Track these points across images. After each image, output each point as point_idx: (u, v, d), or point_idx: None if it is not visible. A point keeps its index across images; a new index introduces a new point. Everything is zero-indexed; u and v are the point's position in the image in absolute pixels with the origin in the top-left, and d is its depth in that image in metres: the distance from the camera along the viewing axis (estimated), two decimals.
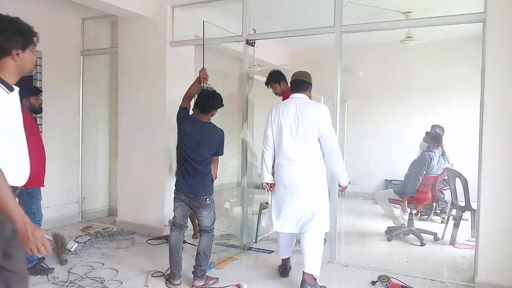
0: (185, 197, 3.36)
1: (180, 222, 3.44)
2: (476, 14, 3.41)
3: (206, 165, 3.38)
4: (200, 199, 3.33)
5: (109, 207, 5.88)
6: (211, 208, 3.39)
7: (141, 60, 4.93)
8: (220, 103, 3.42)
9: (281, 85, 4.12)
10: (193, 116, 3.46)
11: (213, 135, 3.38)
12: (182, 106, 3.49)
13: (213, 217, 3.44)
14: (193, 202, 3.35)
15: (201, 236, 3.43)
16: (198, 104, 3.39)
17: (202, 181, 3.35)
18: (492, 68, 3.30)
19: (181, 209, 3.41)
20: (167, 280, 3.44)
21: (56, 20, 5.09)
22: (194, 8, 4.91)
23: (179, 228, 3.44)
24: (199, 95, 3.45)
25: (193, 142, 3.33)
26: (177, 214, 3.42)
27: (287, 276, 3.58)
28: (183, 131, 3.38)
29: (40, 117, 4.87)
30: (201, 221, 3.40)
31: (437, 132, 5.30)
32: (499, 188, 3.28)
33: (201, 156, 3.33)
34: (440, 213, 5.93)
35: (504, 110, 3.26)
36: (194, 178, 3.33)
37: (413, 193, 4.76)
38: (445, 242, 4.80)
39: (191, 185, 3.33)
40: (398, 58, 7.15)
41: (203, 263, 3.35)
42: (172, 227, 3.46)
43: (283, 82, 4.12)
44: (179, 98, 3.54)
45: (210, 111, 3.39)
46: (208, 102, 3.35)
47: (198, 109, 3.40)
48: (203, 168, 3.35)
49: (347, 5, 4.11)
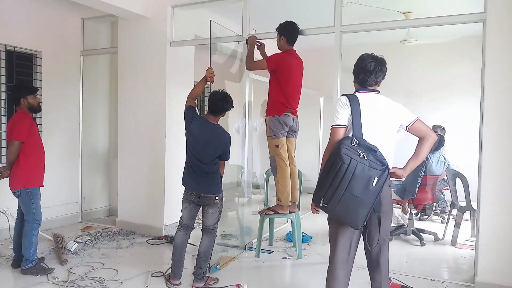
0: (194, 197, 3.34)
1: (187, 223, 3.42)
2: (476, 14, 3.41)
3: (213, 166, 3.36)
4: (209, 197, 3.33)
5: (109, 207, 5.88)
6: (218, 207, 3.39)
7: (141, 60, 4.93)
8: (231, 106, 3.43)
9: (280, 39, 3.97)
10: (202, 116, 3.44)
11: (220, 138, 3.38)
12: (188, 105, 3.47)
13: (217, 217, 3.42)
14: (202, 200, 3.34)
15: (202, 236, 3.42)
16: (210, 106, 3.38)
17: (210, 179, 3.35)
18: (492, 68, 3.29)
19: (189, 210, 3.39)
20: (167, 279, 3.43)
21: (56, 20, 5.09)
22: (194, 8, 4.91)
23: (185, 229, 3.43)
24: (210, 97, 3.42)
25: (200, 143, 3.31)
26: (185, 215, 3.41)
27: None
28: (190, 131, 3.37)
29: (40, 117, 4.88)
30: (206, 218, 3.39)
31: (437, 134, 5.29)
32: (499, 188, 3.28)
33: (206, 158, 3.32)
34: (440, 213, 5.94)
35: (504, 110, 3.26)
36: (202, 177, 3.33)
37: (414, 195, 4.75)
38: (445, 242, 4.80)
39: (200, 184, 3.32)
40: (398, 58, 7.16)
41: (203, 265, 3.35)
42: (178, 226, 3.45)
43: (283, 37, 3.93)
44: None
45: (221, 113, 3.40)
46: (221, 105, 3.35)
47: (209, 111, 3.39)
48: (210, 168, 3.34)
49: (347, 5, 4.11)
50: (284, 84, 3.83)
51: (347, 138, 2.33)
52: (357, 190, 2.20)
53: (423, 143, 2.47)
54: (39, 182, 3.65)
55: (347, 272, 2.45)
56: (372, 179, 2.21)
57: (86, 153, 5.55)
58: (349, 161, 2.19)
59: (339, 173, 2.20)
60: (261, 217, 4.16)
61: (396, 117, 2.47)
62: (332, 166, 2.23)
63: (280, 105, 3.84)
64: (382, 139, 2.40)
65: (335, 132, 2.40)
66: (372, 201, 2.24)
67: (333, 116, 2.43)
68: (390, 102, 2.50)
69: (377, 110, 2.43)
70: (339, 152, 2.21)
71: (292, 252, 4.29)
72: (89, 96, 5.54)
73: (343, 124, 2.40)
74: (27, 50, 4.77)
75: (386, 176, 2.26)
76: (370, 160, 2.22)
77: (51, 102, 5.00)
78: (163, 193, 4.81)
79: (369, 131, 2.35)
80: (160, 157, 4.81)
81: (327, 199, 2.27)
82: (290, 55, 3.89)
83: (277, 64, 3.84)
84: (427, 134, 2.46)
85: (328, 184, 2.25)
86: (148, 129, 4.90)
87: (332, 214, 2.39)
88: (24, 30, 4.69)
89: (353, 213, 2.26)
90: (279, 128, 3.84)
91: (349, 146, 2.24)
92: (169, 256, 4.11)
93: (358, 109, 2.37)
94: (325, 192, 2.27)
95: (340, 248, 2.43)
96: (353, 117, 2.36)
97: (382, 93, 2.54)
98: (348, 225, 2.35)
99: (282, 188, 3.93)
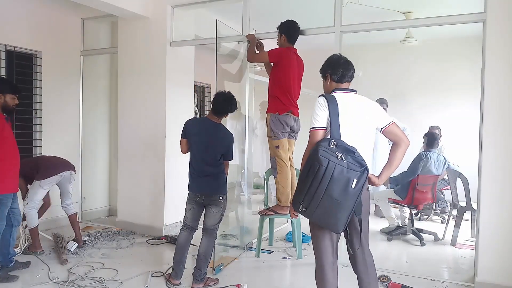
0: (199, 198, 3.33)
1: (190, 224, 3.42)
2: (476, 14, 3.41)
3: (218, 166, 3.36)
4: (213, 197, 3.32)
5: (109, 207, 5.88)
6: (221, 207, 3.38)
7: (141, 60, 4.93)
8: (235, 108, 3.43)
9: (281, 37, 3.97)
10: (204, 116, 3.45)
11: (223, 137, 3.37)
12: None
13: (219, 217, 3.41)
14: (207, 200, 3.33)
15: (203, 236, 3.41)
16: (214, 106, 3.37)
17: (216, 180, 3.34)
18: (492, 68, 3.29)
19: (193, 212, 3.39)
20: (167, 279, 3.43)
21: (56, 20, 5.09)
22: (194, 8, 4.91)
23: (189, 229, 3.43)
24: (215, 97, 3.41)
25: (203, 142, 3.31)
26: (189, 216, 3.40)
27: None
28: (191, 132, 3.36)
29: (40, 117, 4.88)
30: (208, 217, 3.37)
31: (430, 133, 5.29)
32: (499, 188, 3.28)
33: (209, 157, 3.31)
34: (440, 213, 5.94)
35: (504, 110, 3.26)
36: (206, 178, 3.32)
37: (404, 184, 4.78)
38: (445, 242, 4.80)
39: (204, 185, 3.32)
40: (398, 58, 7.16)
41: (203, 267, 3.33)
42: (182, 226, 3.45)
43: (283, 36, 3.94)
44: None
45: (224, 114, 3.40)
46: (226, 107, 3.35)
47: (212, 110, 3.39)
48: (215, 169, 3.34)
49: (347, 5, 4.11)
50: (284, 79, 3.84)
51: (324, 139, 2.27)
52: (336, 192, 2.14)
53: (396, 149, 2.43)
54: (9, 189, 3.35)
55: (336, 272, 2.44)
56: (351, 181, 2.15)
57: (86, 153, 5.55)
58: (327, 163, 2.13)
59: (317, 176, 2.14)
60: (261, 217, 4.16)
61: (373, 118, 2.44)
62: (310, 169, 2.18)
63: (280, 102, 3.84)
64: (360, 140, 2.36)
65: (313, 135, 2.35)
66: (352, 204, 2.19)
67: (312, 118, 2.37)
68: (367, 102, 2.47)
69: (355, 110, 2.39)
70: (316, 154, 2.16)
71: (292, 252, 4.29)
72: (89, 96, 5.54)
73: (322, 126, 2.34)
74: (27, 50, 4.77)
75: (366, 177, 2.21)
76: (349, 161, 2.16)
77: (51, 102, 5.00)
78: (163, 193, 4.81)
79: (347, 132, 2.30)
80: (160, 157, 4.80)
81: (306, 203, 2.20)
82: (291, 52, 3.91)
83: (279, 56, 3.87)
84: (400, 139, 2.42)
85: (306, 187, 2.18)
86: (148, 129, 4.90)
87: (312, 219, 2.32)
88: (24, 30, 4.69)
89: (333, 217, 2.20)
90: (279, 129, 3.84)
91: (326, 148, 2.18)
92: (169, 256, 4.12)
93: (336, 110, 2.31)
94: (304, 195, 2.21)
95: (325, 253, 2.40)
96: (331, 118, 2.30)
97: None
98: (329, 230, 2.32)
99: (282, 188, 3.93)
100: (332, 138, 2.26)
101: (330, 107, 2.31)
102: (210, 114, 3.41)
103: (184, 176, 3.40)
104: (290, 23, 3.92)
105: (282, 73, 3.85)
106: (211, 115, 3.39)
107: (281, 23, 3.95)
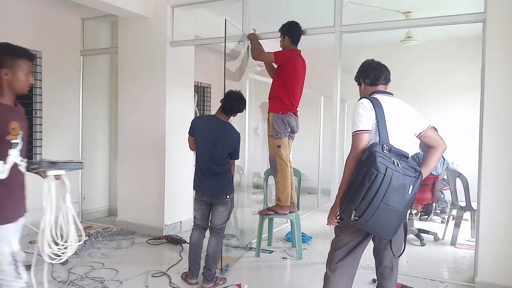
0: (206, 198, 3.35)
1: (200, 223, 3.44)
2: (476, 14, 3.41)
3: (225, 165, 3.36)
4: (220, 197, 3.33)
5: (109, 207, 5.88)
6: (228, 206, 3.39)
7: (141, 60, 4.93)
8: (243, 108, 3.45)
9: (284, 39, 3.96)
10: (213, 114, 3.45)
11: (231, 135, 3.38)
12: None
13: (227, 216, 3.42)
14: (214, 199, 3.34)
15: (210, 236, 3.42)
16: (224, 104, 3.38)
17: (222, 180, 3.35)
18: (492, 68, 3.29)
19: (201, 211, 3.41)
20: (184, 279, 3.45)
21: (56, 20, 5.09)
22: (194, 8, 4.91)
23: (200, 228, 3.45)
24: (226, 96, 3.41)
25: (211, 140, 3.31)
26: (198, 216, 3.43)
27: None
28: (199, 130, 3.36)
29: (40, 117, 4.88)
30: (215, 216, 3.38)
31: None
32: (499, 188, 3.28)
33: (217, 155, 3.31)
34: (440, 213, 5.94)
35: (504, 110, 3.26)
36: (212, 178, 3.32)
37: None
38: (445, 242, 4.80)
39: (211, 186, 3.33)
40: (398, 58, 7.16)
41: (212, 267, 3.34)
42: (193, 226, 3.47)
43: (287, 38, 3.94)
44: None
45: (233, 113, 3.41)
46: (236, 106, 3.36)
47: (222, 109, 3.39)
48: (222, 168, 3.34)
49: (347, 5, 4.11)
50: (289, 81, 3.85)
51: (376, 144, 2.11)
52: (393, 200, 2.02)
53: (433, 153, 2.33)
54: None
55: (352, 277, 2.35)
56: (408, 187, 2.04)
57: (86, 153, 5.55)
58: (385, 170, 1.98)
59: (375, 184, 1.99)
60: (261, 217, 4.16)
61: (411, 122, 2.33)
62: (366, 176, 2.02)
63: (283, 102, 3.84)
64: (404, 144, 2.24)
65: (359, 138, 2.18)
66: (407, 210, 2.09)
67: (355, 120, 2.21)
68: (407, 106, 2.36)
69: (397, 114, 2.27)
70: (373, 161, 2.00)
71: (292, 252, 4.29)
72: (89, 96, 5.54)
73: (368, 129, 2.17)
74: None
75: (420, 182, 2.09)
76: (404, 167, 2.05)
77: (51, 102, 4.99)
78: (163, 193, 4.80)
79: (393, 136, 2.18)
80: (160, 157, 4.80)
81: (360, 212, 2.05)
82: (296, 55, 3.92)
83: (285, 59, 3.87)
84: (439, 143, 2.32)
85: (361, 196, 2.03)
86: (148, 128, 4.90)
87: (364, 228, 2.16)
88: (24, 30, 4.68)
89: (388, 225, 2.10)
90: (282, 129, 3.85)
91: (382, 154, 2.03)
92: (170, 256, 4.14)
93: (382, 113, 2.18)
94: (357, 204, 2.05)
95: (353, 258, 2.29)
96: (378, 122, 2.16)
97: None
98: (380, 237, 2.25)
99: (283, 188, 3.93)
100: (382, 142, 2.13)
101: (376, 110, 2.18)
102: (218, 113, 3.41)
103: (184, 176, 3.41)
104: (292, 24, 3.92)
105: (288, 76, 3.85)
106: (219, 113, 3.40)
107: (283, 25, 3.94)
